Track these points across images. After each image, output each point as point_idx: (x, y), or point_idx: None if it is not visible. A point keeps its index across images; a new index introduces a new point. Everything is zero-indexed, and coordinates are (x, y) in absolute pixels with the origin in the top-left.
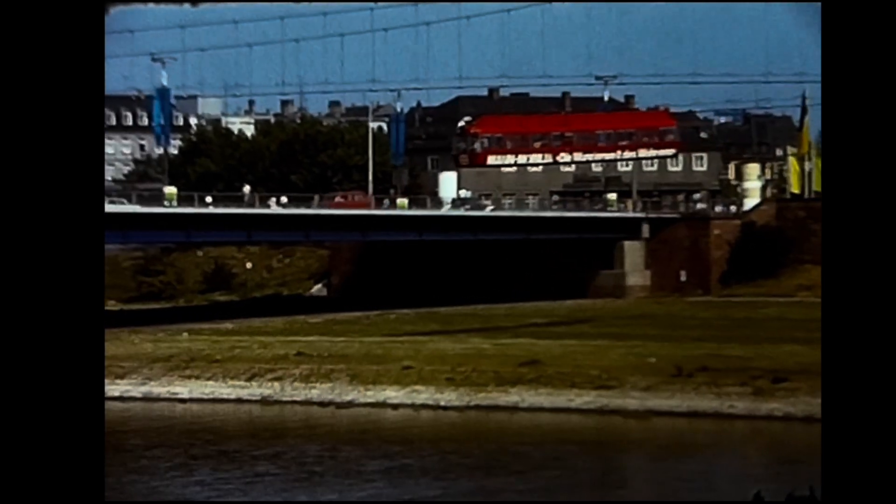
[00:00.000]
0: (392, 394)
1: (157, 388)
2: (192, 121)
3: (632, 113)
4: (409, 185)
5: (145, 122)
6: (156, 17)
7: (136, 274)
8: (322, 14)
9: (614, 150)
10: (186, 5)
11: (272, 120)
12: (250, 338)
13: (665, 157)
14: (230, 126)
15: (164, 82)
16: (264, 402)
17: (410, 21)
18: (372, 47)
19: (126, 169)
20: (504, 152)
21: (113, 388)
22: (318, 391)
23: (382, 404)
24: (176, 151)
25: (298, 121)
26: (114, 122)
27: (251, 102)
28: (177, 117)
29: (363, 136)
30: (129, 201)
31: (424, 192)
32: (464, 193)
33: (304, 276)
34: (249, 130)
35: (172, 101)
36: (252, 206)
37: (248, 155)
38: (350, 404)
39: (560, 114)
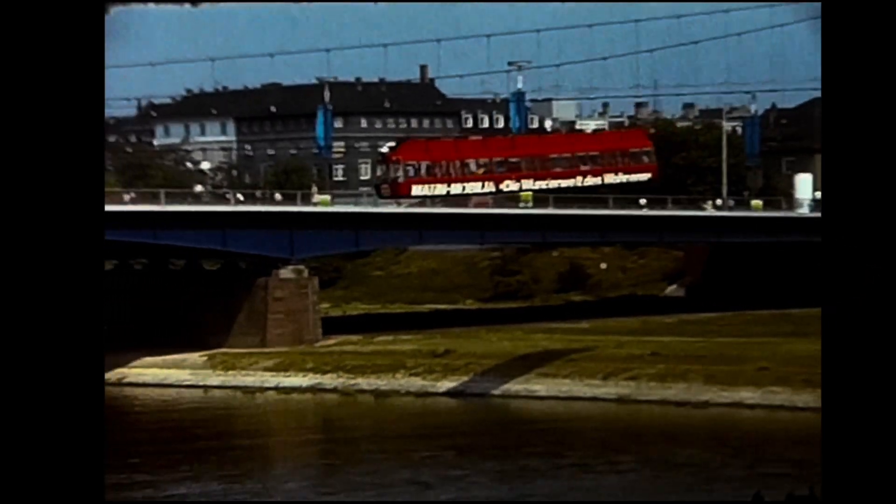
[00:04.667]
0: (748, 395)
1: (515, 386)
2: (547, 123)
3: (598, 134)
4: (764, 186)
5: (501, 124)
6: (516, 21)
7: (493, 274)
8: (676, 17)
9: (573, 176)
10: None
11: (626, 122)
12: (605, 337)
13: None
14: (584, 128)
15: (520, 86)
16: (620, 401)
17: (765, 22)
18: (726, 49)
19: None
20: (433, 181)
21: (472, 386)
22: (674, 391)
23: (738, 405)
24: None
25: (652, 123)
26: (470, 124)
27: (605, 105)
28: (532, 120)
29: (717, 137)
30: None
31: (779, 193)
32: (820, 195)
33: (657, 276)
34: None
35: (528, 103)
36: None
37: None
38: (706, 404)
39: (507, 137)
